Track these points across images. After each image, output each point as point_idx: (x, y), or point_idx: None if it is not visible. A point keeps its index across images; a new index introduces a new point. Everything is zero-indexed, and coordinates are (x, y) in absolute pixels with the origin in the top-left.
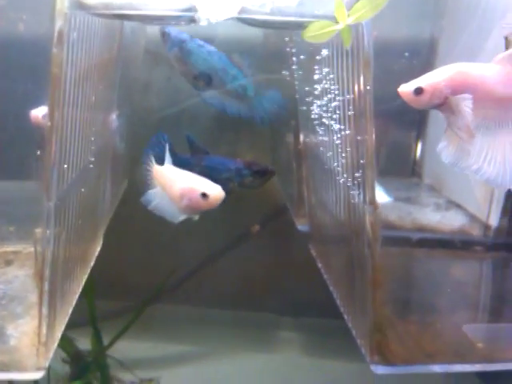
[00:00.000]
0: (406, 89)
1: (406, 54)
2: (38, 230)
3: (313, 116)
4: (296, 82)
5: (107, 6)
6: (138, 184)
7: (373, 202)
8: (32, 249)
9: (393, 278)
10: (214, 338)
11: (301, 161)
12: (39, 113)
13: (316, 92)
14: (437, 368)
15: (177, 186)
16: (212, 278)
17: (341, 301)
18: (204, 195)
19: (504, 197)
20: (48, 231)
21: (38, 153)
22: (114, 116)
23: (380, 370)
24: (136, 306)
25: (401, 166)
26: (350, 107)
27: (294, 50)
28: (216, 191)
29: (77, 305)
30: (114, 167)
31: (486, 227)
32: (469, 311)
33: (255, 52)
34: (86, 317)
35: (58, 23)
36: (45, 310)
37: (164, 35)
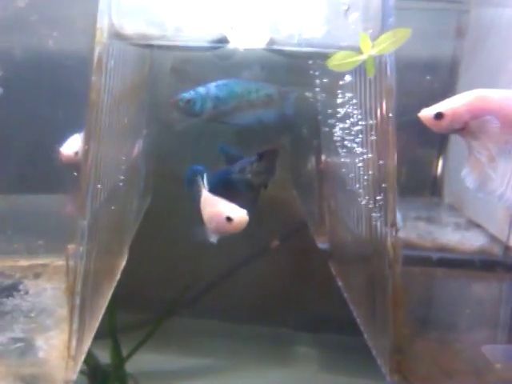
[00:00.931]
0: (426, 113)
1: (428, 72)
2: (71, 246)
3: (335, 138)
4: (319, 104)
5: (143, 37)
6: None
7: (394, 224)
8: (60, 262)
9: (413, 297)
10: (231, 352)
11: (322, 179)
12: (70, 149)
13: (339, 115)
14: None
15: (206, 210)
16: (230, 292)
17: (361, 319)
18: (229, 219)
19: None
20: (81, 248)
21: (75, 174)
22: (142, 135)
23: None
24: (154, 318)
25: (421, 185)
26: (373, 132)
27: (317, 73)
28: (240, 215)
29: None
30: (139, 184)
31: (506, 248)
32: (488, 331)
33: (278, 73)
34: (104, 329)
35: (97, 52)
36: (75, 325)
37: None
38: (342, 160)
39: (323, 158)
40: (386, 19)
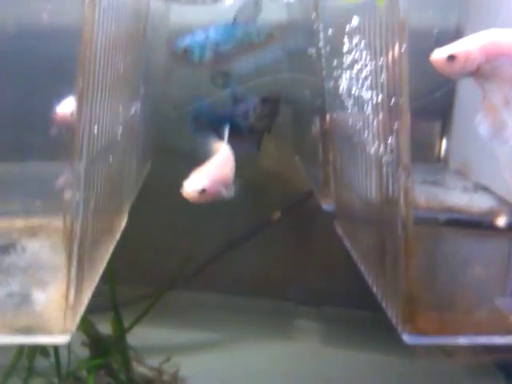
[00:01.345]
0: (438, 56)
1: (431, 42)
2: (67, 194)
3: (341, 90)
4: (323, 60)
5: None
6: None
7: (407, 167)
8: (57, 222)
9: (423, 254)
10: (234, 324)
11: (327, 141)
12: (66, 109)
13: (345, 64)
14: (465, 340)
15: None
16: (232, 265)
17: (370, 274)
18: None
19: None
20: (78, 194)
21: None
22: (140, 94)
23: (412, 339)
24: (156, 291)
25: (426, 152)
26: (383, 72)
27: (321, 26)
28: (187, 190)
29: (98, 290)
30: (138, 146)
31: None
32: (498, 286)
33: (281, 32)
34: (105, 302)
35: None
36: (73, 272)
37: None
38: (349, 112)
39: (328, 116)
40: None
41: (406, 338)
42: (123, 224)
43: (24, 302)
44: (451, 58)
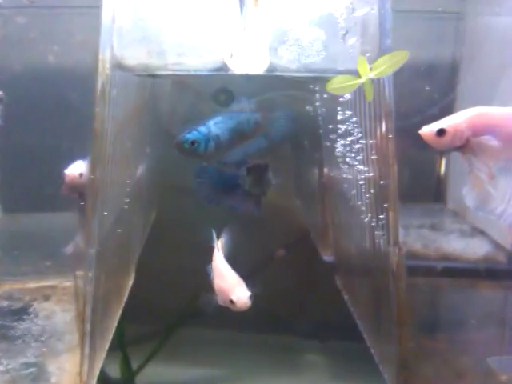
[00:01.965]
0: (427, 130)
1: (427, 76)
2: (79, 273)
3: (337, 153)
4: (320, 118)
5: (145, 67)
6: None
7: (397, 243)
8: (68, 283)
9: (418, 310)
10: (240, 361)
11: (325, 192)
12: (75, 171)
13: (339, 131)
14: None
15: (215, 278)
16: None
17: (367, 335)
18: (232, 302)
19: None
20: (90, 274)
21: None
22: (146, 154)
23: None
24: (161, 330)
25: (423, 191)
26: (373, 151)
27: (317, 88)
28: (242, 300)
29: None
30: (144, 201)
31: (511, 255)
32: (494, 342)
33: (278, 88)
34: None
35: (100, 83)
36: (86, 351)
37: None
38: (344, 176)
39: (325, 171)
40: (384, 42)
41: None
42: (131, 283)
43: (40, 374)
44: (440, 132)
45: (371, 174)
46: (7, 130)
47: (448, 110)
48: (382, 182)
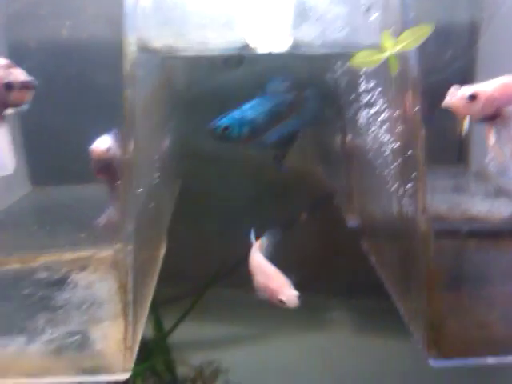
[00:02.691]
0: (457, 94)
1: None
2: (117, 246)
3: (360, 123)
4: (341, 86)
5: (170, 49)
6: None
7: (425, 212)
8: (103, 254)
9: (445, 272)
10: (269, 320)
11: (349, 159)
12: (102, 146)
13: (363, 101)
14: (492, 360)
15: (258, 277)
16: None
17: (395, 295)
18: (282, 302)
19: None
20: (129, 248)
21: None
22: (169, 127)
23: (437, 363)
24: (192, 291)
25: (446, 152)
26: (400, 123)
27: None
28: (292, 299)
29: None
30: (170, 173)
31: None
32: None
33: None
34: None
35: (127, 66)
36: (130, 318)
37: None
38: (369, 145)
39: (349, 139)
40: (407, 16)
41: (432, 362)
42: (164, 251)
43: (84, 342)
44: (472, 97)
45: (398, 145)
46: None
47: (468, 74)
48: (409, 153)
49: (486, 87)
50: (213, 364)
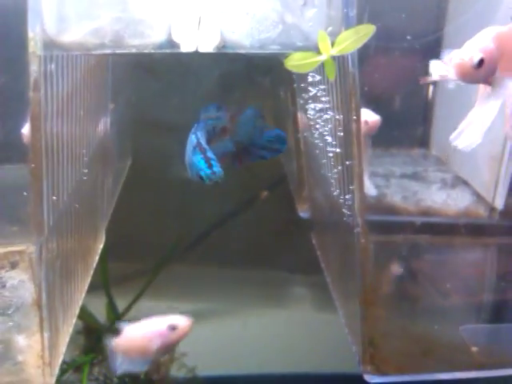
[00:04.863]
0: (462, 62)
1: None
2: (32, 255)
3: (309, 115)
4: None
5: (81, 46)
6: None
7: (363, 226)
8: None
9: (386, 283)
10: (228, 296)
11: (299, 148)
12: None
13: (310, 93)
14: (428, 376)
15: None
16: (223, 240)
17: (337, 302)
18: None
19: (511, 177)
20: (42, 264)
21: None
22: (108, 111)
23: (372, 379)
24: (148, 268)
25: (407, 135)
26: (340, 128)
27: None
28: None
29: None
30: (112, 159)
31: (492, 209)
32: (469, 307)
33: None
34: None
35: (33, 66)
36: (46, 336)
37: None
38: (316, 141)
39: (300, 128)
40: (348, 13)
41: (367, 377)
42: (101, 246)
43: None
44: (480, 63)
45: (338, 150)
46: None
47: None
48: (347, 163)
49: (483, 44)
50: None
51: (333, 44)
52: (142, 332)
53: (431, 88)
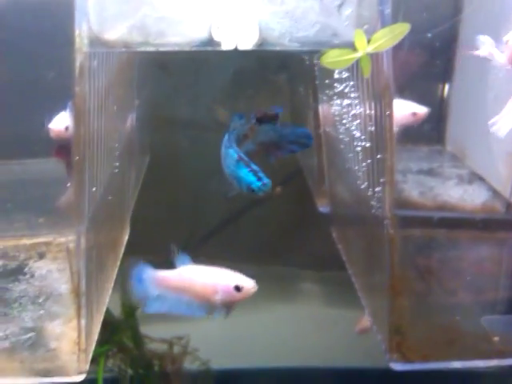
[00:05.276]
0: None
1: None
2: (71, 245)
3: (333, 111)
4: (316, 69)
5: (125, 43)
6: None
7: (392, 217)
8: (62, 239)
9: (411, 274)
10: None
11: (321, 145)
12: (60, 125)
13: (336, 90)
14: (456, 364)
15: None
16: (236, 235)
17: (361, 294)
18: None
19: None
20: (81, 252)
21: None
22: (134, 107)
23: (399, 367)
24: (161, 262)
25: (423, 132)
26: (371, 123)
27: None
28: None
29: None
30: (135, 154)
31: (509, 205)
32: (488, 298)
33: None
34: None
35: (78, 61)
36: (83, 323)
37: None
38: (341, 136)
39: (322, 124)
40: (383, 12)
41: (394, 365)
42: (126, 237)
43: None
44: None
45: (368, 144)
46: None
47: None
48: (379, 156)
49: None
50: (182, 339)
51: (368, 41)
52: (205, 279)
53: (447, 85)
